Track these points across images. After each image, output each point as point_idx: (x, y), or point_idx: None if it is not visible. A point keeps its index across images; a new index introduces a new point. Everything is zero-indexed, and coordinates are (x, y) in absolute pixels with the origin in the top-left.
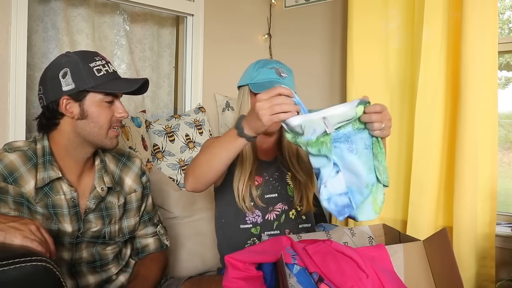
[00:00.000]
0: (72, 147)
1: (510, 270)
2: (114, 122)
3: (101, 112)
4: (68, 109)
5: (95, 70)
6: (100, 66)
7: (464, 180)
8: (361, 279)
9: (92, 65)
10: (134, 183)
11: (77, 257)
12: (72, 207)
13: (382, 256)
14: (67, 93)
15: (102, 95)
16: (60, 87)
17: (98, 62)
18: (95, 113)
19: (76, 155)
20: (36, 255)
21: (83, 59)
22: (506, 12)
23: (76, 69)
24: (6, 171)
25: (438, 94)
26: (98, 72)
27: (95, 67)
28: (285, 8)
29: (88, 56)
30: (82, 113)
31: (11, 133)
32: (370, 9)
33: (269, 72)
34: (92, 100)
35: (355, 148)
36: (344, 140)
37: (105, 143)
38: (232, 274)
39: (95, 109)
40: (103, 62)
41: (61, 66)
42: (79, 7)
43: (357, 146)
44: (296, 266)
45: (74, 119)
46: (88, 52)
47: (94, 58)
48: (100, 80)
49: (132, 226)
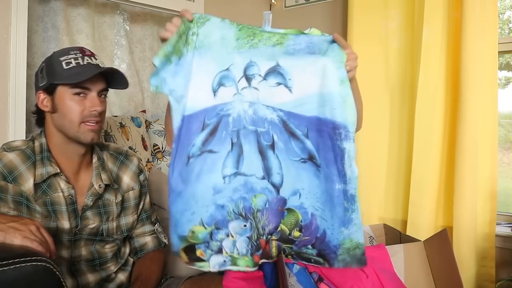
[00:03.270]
0: (60, 143)
1: (510, 270)
2: (87, 116)
3: (71, 106)
4: (44, 104)
5: (64, 63)
6: (71, 59)
7: (464, 180)
8: (361, 279)
9: (62, 59)
10: (131, 181)
11: (76, 255)
12: (70, 204)
13: (382, 256)
14: (41, 88)
15: (69, 87)
16: (38, 83)
17: (71, 55)
18: (65, 106)
19: (67, 151)
20: (36, 255)
21: (57, 54)
22: (506, 12)
23: (49, 64)
24: (6, 170)
25: (438, 94)
26: (67, 65)
27: (65, 60)
28: (285, 8)
29: (65, 50)
30: (54, 106)
31: (11, 133)
32: (370, 9)
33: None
34: (62, 94)
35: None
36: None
37: (79, 137)
38: (232, 274)
39: (64, 102)
40: (78, 55)
41: (42, 63)
42: (79, 7)
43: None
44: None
45: (50, 113)
46: (70, 48)
47: (70, 52)
48: (66, 73)
49: (130, 224)
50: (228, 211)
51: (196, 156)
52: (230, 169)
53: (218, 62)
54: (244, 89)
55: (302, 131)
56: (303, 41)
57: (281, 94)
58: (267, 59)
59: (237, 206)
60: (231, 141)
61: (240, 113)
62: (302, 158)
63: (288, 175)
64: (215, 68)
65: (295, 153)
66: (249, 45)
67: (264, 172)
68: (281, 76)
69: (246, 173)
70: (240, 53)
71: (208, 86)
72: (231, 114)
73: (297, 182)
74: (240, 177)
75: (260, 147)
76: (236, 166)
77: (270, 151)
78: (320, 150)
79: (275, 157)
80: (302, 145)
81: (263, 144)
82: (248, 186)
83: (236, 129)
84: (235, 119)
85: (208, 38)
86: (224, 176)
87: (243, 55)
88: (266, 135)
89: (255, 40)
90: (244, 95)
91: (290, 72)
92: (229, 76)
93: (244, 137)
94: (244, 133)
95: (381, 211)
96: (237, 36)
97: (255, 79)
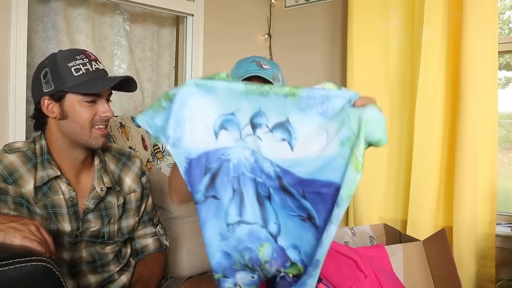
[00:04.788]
0: (63, 148)
1: (510, 270)
2: (98, 121)
3: (81, 112)
4: (50, 110)
5: (73, 70)
6: (79, 65)
7: (464, 180)
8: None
9: (70, 65)
10: (133, 183)
11: (76, 256)
12: (71, 207)
13: (381, 256)
14: (47, 94)
15: (81, 96)
16: (41, 88)
17: (78, 61)
18: (75, 113)
19: (69, 155)
20: (36, 255)
21: (63, 59)
22: (506, 12)
23: (55, 69)
24: (6, 172)
25: (438, 94)
26: (76, 71)
27: (73, 66)
28: (285, 8)
29: (70, 54)
30: (63, 113)
31: (11, 133)
32: (370, 9)
33: (250, 65)
34: (72, 100)
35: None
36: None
37: (90, 143)
38: None
39: (74, 109)
40: (85, 60)
41: (43, 67)
42: (79, 7)
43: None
44: None
45: (56, 119)
46: (72, 51)
47: (76, 56)
48: (77, 80)
49: (131, 226)
50: (234, 260)
51: (201, 202)
52: (233, 217)
53: (222, 104)
54: (248, 136)
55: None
56: (318, 95)
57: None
58: (278, 112)
59: (242, 257)
60: (232, 187)
61: (241, 159)
62: (300, 215)
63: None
64: (218, 109)
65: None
66: (259, 92)
67: (262, 221)
68: (287, 133)
69: (250, 221)
70: (249, 100)
71: (210, 128)
72: (231, 159)
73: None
74: (244, 226)
75: (258, 196)
76: (239, 214)
77: (267, 201)
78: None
79: (271, 208)
80: (299, 204)
81: (260, 193)
82: (253, 235)
83: (236, 175)
84: (235, 165)
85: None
86: (228, 224)
87: (251, 102)
88: (263, 186)
89: (265, 87)
90: (247, 142)
91: (298, 131)
92: (233, 121)
93: (244, 184)
94: (243, 180)
95: (381, 211)
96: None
97: (261, 129)
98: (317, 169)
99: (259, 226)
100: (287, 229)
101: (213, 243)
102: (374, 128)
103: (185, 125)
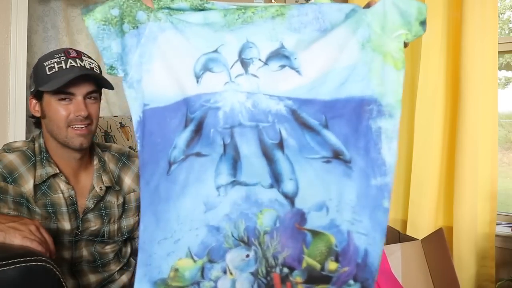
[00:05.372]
0: (55, 147)
1: (510, 270)
2: (73, 121)
3: (56, 111)
4: (35, 109)
5: (47, 68)
6: (54, 64)
7: (464, 180)
8: None
9: (46, 64)
10: (133, 183)
11: (77, 255)
12: (70, 206)
13: None
14: (31, 94)
15: (53, 94)
16: (29, 88)
17: (55, 59)
18: (51, 111)
19: (63, 154)
20: (36, 255)
21: (43, 59)
22: (506, 12)
23: (36, 69)
24: (6, 171)
25: (438, 94)
26: (49, 70)
27: (48, 65)
28: None
29: (51, 54)
30: (43, 112)
31: (11, 133)
32: None
33: None
34: (47, 99)
35: None
36: None
37: (67, 143)
38: None
39: (50, 108)
40: (61, 58)
41: (33, 67)
42: (79, 7)
43: None
44: None
45: (42, 118)
46: (55, 50)
47: (54, 55)
48: (48, 79)
49: (131, 226)
50: (225, 234)
51: (180, 162)
52: (225, 177)
53: (202, 41)
54: (239, 76)
55: (319, 121)
56: (310, 11)
57: (288, 78)
58: (268, 38)
59: (237, 227)
60: (222, 142)
61: (235, 107)
62: (324, 156)
63: (305, 180)
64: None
65: (313, 150)
66: (242, 20)
67: (272, 178)
68: (286, 59)
69: (248, 182)
70: (232, 31)
71: (189, 70)
72: (222, 107)
73: (320, 191)
74: (240, 188)
75: (264, 148)
76: (233, 173)
77: (278, 152)
78: (349, 139)
79: (285, 159)
80: (322, 140)
81: (267, 143)
82: (251, 198)
83: (228, 126)
84: (227, 114)
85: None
86: (219, 186)
87: (236, 34)
88: (271, 131)
89: (248, 13)
90: (240, 84)
91: (296, 52)
92: (218, 60)
93: (241, 136)
94: (240, 132)
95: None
96: (223, 12)
97: (254, 64)
98: (338, 85)
99: (264, 187)
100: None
101: (195, 217)
102: (406, 8)
103: (151, 65)
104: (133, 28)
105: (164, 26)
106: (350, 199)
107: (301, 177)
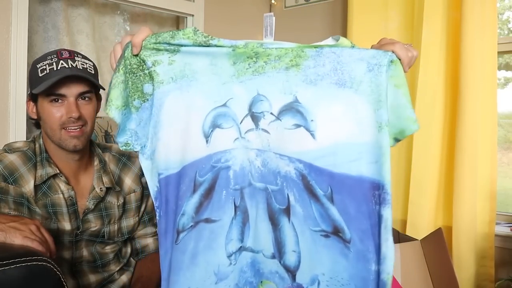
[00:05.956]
0: (53, 148)
1: (510, 270)
2: (66, 122)
3: (49, 112)
4: (32, 111)
5: (40, 70)
6: (46, 65)
7: (463, 180)
8: None
9: (39, 66)
10: (133, 184)
11: (77, 255)
12: (70, 206)
13: None
14: (28, 96)
15: (44, 96)
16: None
17: (47, 61)
18: (44, 113)
19: (60, 155)
20: (37, 255)
21: (37, 60)
22: (505, 12)
23: (30, 72)
24: (7, 172)
25: (437, 94)
26: (41, 72)
27: (41, 67)
28: (285, 8)
29: (44, 56)
30: (38, 114)
31: (12, 133)
32: (370, 10)
33: None
34: (41, 101)
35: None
36: None
37: (61, 144)
38: None
39: (44, 110)
40: (53, 60)
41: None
42: (80, 8)
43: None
44: None
45: (38, 120)
46: (49, 52)
47: (47, 57)
48: (40, 81)
49: (131, 226)
50: None
51: (188, 229)
52: (235, 243)
53: (210, 96)
54: (249, 132)
55: (324, 192)
56: (327, 60)
57: (301, 139)
58: (281, 90)
59: None
60: (233, 204)
61: (245, 165)
62: (323, 230)
63: (307, 253)
64: (205, 104)
65: (315, 221)
66: (252, 69)
67: (275, 248)
68: (300, 116)
69: (253, 248)
70: (242, 83)
71: (197, 130)
72: (231, 166)
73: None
74: (246, 253)
75: (271, 212)
76: (241, 238)
77: (284, 218)
78: (352, 219)
79: (290, 227)
80: (325, 212)
81: (274, 207)
82: (255, 266)
83: (239, 187)
84: (237, 174)
85: (190, 65)
86: (230, 254)
87: (246, 85)
88: (279, 196)
89: (259, 62)
90: (250, 141)
91: (312, 111)
92: (228, 115)
93: (251, 198)
94: (249, 193)
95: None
96: (233, 59)
97: (265, 118)
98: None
99: (266, 257)
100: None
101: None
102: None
103: (161, 133)
104: (143, 102)
105: (167, 89)
106: (342, 277)
107: (304, 249)
